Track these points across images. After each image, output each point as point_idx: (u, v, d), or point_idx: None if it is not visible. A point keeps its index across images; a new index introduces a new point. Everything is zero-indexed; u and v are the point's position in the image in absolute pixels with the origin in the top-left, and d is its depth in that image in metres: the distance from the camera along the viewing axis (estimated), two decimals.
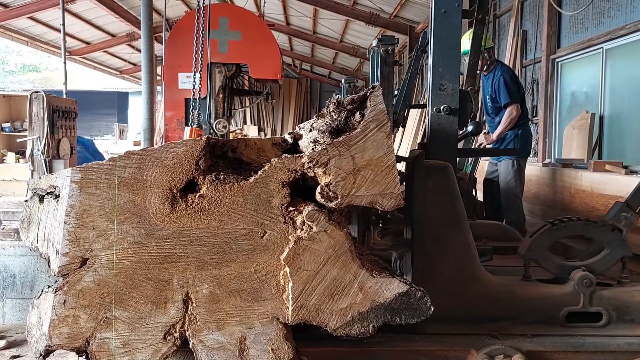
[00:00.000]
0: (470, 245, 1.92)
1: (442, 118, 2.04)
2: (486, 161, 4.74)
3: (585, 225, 1.97)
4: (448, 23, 2.00)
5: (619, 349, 1.84)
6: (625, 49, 4.97)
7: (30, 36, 12.26)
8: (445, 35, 2.00)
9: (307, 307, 1.64)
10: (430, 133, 2.05)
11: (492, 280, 1.93)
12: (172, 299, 1.60)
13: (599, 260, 1.97)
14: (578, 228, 1.98)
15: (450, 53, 2.02)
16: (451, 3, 1.99)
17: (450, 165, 1.95)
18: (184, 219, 1.60)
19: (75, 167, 1.57)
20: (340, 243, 1.64)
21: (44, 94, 5.99)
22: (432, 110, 2.04)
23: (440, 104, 2.02)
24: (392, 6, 11.03)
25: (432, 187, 1.91)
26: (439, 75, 2.02)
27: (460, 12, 2.02)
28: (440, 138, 2.04)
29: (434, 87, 2.03)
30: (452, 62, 2.03)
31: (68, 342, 1.57)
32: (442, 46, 2.01)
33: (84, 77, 21.86)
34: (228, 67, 6.18)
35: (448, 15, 2.00)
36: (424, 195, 1.91)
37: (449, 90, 2.03)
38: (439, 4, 1.99)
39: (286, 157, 1.66)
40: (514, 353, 1.81)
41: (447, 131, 2.05)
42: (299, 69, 19.90)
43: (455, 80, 2.03)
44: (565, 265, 1.97)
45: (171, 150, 1.60)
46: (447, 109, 2.03)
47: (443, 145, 2.04)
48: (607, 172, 3.87)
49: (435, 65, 2.02)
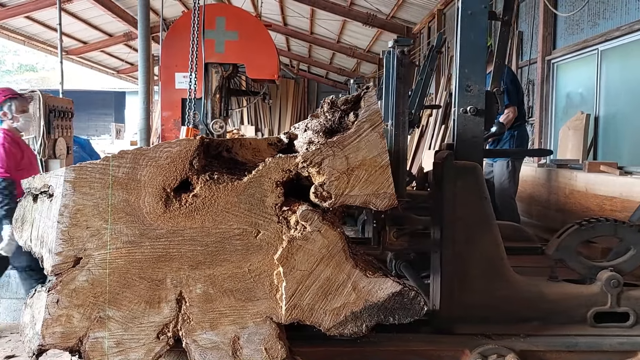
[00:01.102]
0: (500, 246, 1.94)
1: (469, 119, 2.04)
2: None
3: (613, 225, 1.98)
4: (475, 24, 2.00)
5: (611, 348, 1.85)
6: (620, 51, 4.99)
7: (27, 35, 12.23)
8: (472, 36, 2.01)
9: (301, 307, 1.64)
10: (457, 134, 2.05)
11: (522, 280, 1.95)
12: (165, 299, 1.60)
13: (626, 260, 1.98)
14: (606, 228, 1.98)
15: (477, 54, 2.02)
16: (478, 5, 2.00)
17: (479, 166, 1.97)
18: (178, 218, 1.60)
19: (69, 166, 1.57)
20: (333, 243, 1.65)
21: (40, 93, 5.99)
22: (458, 111, 2.04)
23: (467, 105, 2.02)
24: (389, 7, 11.04)
25: (462, 187, 1.93)
26: (465, 77, 2.02)
27: (486, 14, 2.02)
28: (466, 139, 2.04)
29: (460, 88, 2.03)
30: (479, 63, 2.03)
31: (61, 341, 1.57)
32: (468, 47, 2.02)
33: (81, 76, 21.80)
34: (225, 67, 6.18)
35: (474, 16, 2.00)
36: (454, 195, 1.92)
37: (475, 92, 2.03)
38: (466, 5, 2.00)
39: (280, 157, 1.66)
40: (507, 353, 1.82)
41: (474, 132, 2.05)
42: (297, 70, 19.89)
43: (481, 81, 2.04)
44: (593, 266, 1.97)
45: (165, 150, 1.60)
46: (473, 110, 2.03)
47: (470, 146, 2.04)
48: (602, 172, 3.88)
49: (461, 66, 2.02)
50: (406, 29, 11.69)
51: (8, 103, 3.93)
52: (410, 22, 11.66)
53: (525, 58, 6.91)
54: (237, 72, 6.40)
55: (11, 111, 3.93)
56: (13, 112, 3.94)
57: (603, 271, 1.95)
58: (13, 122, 3.95)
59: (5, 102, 3.95)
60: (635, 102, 4.76)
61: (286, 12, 13.67)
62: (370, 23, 11.65)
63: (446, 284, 1.94)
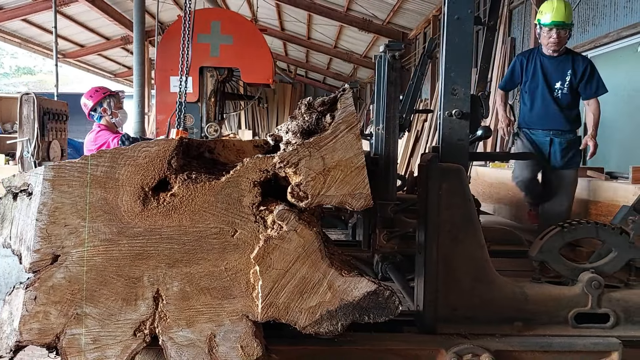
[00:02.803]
0: (483, 247, 1.96)
1: (454, 122, 2.07)
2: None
3: (594, 228, 2.01)
4: (461, 29, 2.04)
5: (585, 349, 1.87)
6: (608, 57, 5.05)
7: (23, 38, 12.27)
8: (458, 41, 2.04)
9: (277, 305, 1.66)
10: (442, 137, 2.09)
11: (505, 281, 1.97)
12: (142, 296, 1.62)
13: (607, 262, 2.01)
14: (588, 231, 2.01)
15: (463, 58, 2.05)
16: (464, 10, 2.03)
17: (463, 168, 1.99)
18: (156, 217, 1.62)
19: (48, 165, 1.59)
20: (309, 242, 1.67)
21: (35, 96, 6.01)
22: (443, 115, 2.07)
23: (452, 108, 2.05)
24: (385, 13, 11.12)
25: (447, 189, 1.95)
26: (451, 80, 2.05)
27: (472, 19, 2.06)
28: (452, 142, 2.08)
29: (446, 91, 2.07)
30: (465, 67, 2.06)
31: (38, 337, 1.58)
32: (454, 52, 2.05)
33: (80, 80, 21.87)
34: (220, 71, 6.22)
35: (461, 21, 2.04)
36: (439, 197, 1.95)
37: (460, 95, 2.06)
38: (452, 10, 2.03)
39: (258, 157, 1.69)
40: (482, 352, 1.84)
41: (459, 135, 2.08)
42: (294, 74, 19.96)
43: (467, 85, 2.07)
44: (575, 268, 2.00)
45: (143, 149, 1.62)
46: (458, 113, 2.06)
47: (455, 148, 2.07)
48: (589, 177, 3.92)
49: (447, 70, 2.06)
50: (402, 34, 11.76)
51: (107, 100, 4.25)
52: (406, 27, 11.73)
53: None
54: (232, 76, 6.44)
55: (110, 107, 4.23)
56: (112, 108, 4.23)
57: (584, 273, 1.97)
58: (112, 117, 4.23)
59: (104, 99, 4.26)
60: (623, 109, 4.80)
61: (283, 17, 13.75)
62: (366, 28, 11.73)
63: (430, 285, 1.96)
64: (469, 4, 2.01)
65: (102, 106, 4.27)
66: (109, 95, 4.33)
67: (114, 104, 4.31)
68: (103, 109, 4.27)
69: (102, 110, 4.28)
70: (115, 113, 4.31)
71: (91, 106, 4.27)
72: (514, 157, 4.02)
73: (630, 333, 1.93)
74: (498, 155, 4.19)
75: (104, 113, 4.27)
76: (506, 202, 4.68)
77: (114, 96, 4.36)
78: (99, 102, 4.23)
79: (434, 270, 1.95)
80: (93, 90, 4.39)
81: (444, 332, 1.93)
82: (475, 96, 2.32)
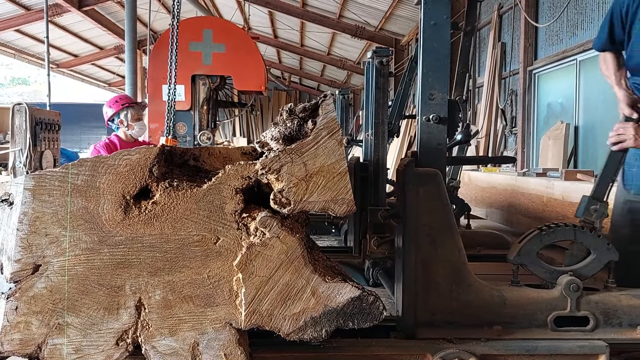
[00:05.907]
0: (461, 251, 1.97)
1: (432, 127, 2.08)
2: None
3: (572, 230, 2.01)
4: (438, 35, 2.05)
5: (571, 352, 1.87)
6: (596, 60, 5.08)
7: (17, 49, 12.28)
8: (435, 46, 2.06)
9: (260, 313, 1.66)
10: (420, 142, 2.09)
11: (484, 285, 1.98)
12: (124, 305, 1.61)
13: (586, 265, 2.01)
14: (566, 233, 2.02)
15: (440, 63, 2.06)
16: (440, 15, 2.05)
17: (440, 173, 2.00)
18: (137, 225, 1.62)
19: (28, 174, 1.59)
20: (292, 249, 1.67)
21: (27, 105, 6.00)
22: (421, 119, 2.08)
23: (430, 113, 2.06)
24: (377, 19, 11.19)
25: (424, 193, 1.96)
26: (429, 85, 2.06)
27: (449, 24, 2.07)
28: (430, 146, 2.08)
29: (423, 96, 2.07)
30: (442, 72, 2.07)
31: (20, 348, 1.57)
32: (432, 57, 2.06)
33: (75, 90, 21.87)
34: (212, 79, 6.24)
35: (438, 27, 2.05)
36: (417, 202, 1.95)
37: (438, 100, 2.07)
38: (429, 16, 2.04)
39: (240, 164, 1.69)
40: (469, 357, 1.84)
41: (438, 139, 2.09)
42: (288, 81, 20.02)
43: (444, 90, 2.08)
44: (554, 271, 2.01)
45: (124, 157, 1.62)
46: (436, 118, 2.07)
47: (433, 153, 2.08)
48: (578, 180, 3.94)
49: (425, 75, 2.07)
50: (395, 40, 11.83)
51: (124, 112, 4.15)
52: (398, 34, 11.80)
53: (508, 69, 7.01)
54: (224, 84, 6.46)
55: (127, 119, 4.14)
56: (129, 119, 4.15)
57: (563, 276, 1.98)
58: (128, 129, 4.15)
59: (122, 110, 4.16)
60: (612, 112, 4.83)
61: (276, 24, 13.81)
62: (359, 35, 11.79)
63: (409, 289, 1.96)
64: (445, 10, 2.03)
65: (119, 117, 4.10)
66: (128, 106, 4.13)
67: (131, 116, 4.16)
68: (120, 121, 4.14)
69: (119, 122, 4.18)
70: (131, 125, 4.13)
71: (109, 116, 4.15)
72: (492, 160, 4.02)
73: (610, 336, 1.93)
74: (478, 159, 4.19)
75: (120, 125, 4.18)
76: (498, 207, 4.69)
77: (132, 107, 4.22)
78: (116, 113, 4.11)
79: (413, 275, 1.95)
80: (114, 99, 4.27)
81: (425, 337, 1.92)
82: (453, 101, 2.32)
